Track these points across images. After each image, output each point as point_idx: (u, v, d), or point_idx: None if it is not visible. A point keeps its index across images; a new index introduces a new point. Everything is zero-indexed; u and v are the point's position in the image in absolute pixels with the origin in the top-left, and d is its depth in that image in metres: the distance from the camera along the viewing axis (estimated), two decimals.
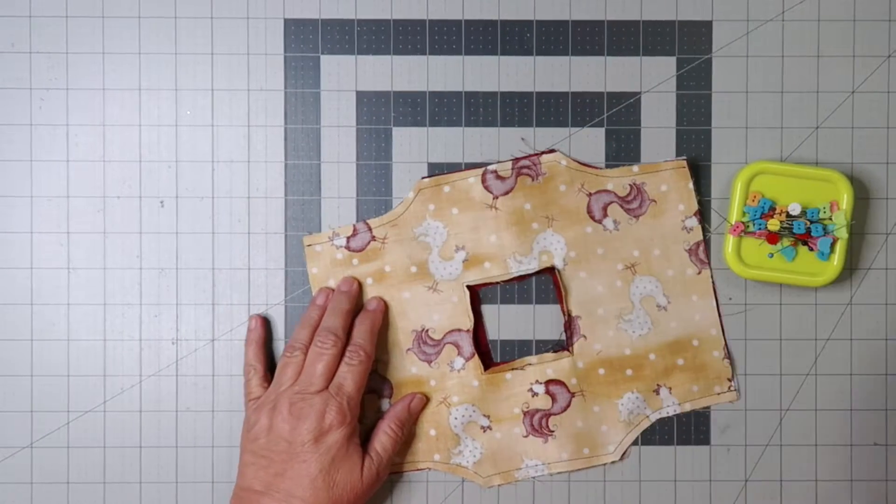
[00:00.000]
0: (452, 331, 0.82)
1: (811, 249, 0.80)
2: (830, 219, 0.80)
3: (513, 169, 0.82)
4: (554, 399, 0.82)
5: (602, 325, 0.82)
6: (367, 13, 0.83)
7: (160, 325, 0.83)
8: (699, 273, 0.82)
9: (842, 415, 0.83)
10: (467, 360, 0.82)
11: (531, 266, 0.82)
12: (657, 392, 0.82)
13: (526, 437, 0.82)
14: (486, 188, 0.82)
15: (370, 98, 0.83)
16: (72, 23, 0.82)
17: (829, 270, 0.80)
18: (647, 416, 0.82)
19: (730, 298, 0.83)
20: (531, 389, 0.82)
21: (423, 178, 0.82)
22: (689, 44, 0.83)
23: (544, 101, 0.83)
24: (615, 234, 0.82)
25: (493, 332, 0.83)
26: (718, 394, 0.83)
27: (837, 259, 0.80)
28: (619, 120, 0.83)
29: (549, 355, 0.82)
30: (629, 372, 0.82)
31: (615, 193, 0.82)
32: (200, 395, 0.83)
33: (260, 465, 0.76)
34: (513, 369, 0.82)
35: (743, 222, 0.80)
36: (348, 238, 0.82)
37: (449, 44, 0.83)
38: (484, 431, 0.82)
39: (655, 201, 0.82)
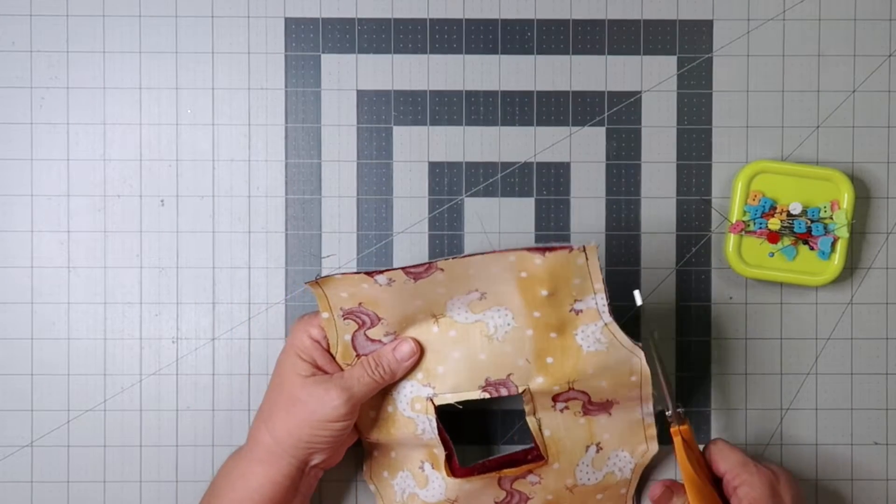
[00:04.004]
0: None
1: (812, 249, 0.80)
2: (831, 218, 0.80)
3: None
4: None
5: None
6: (368, 12, 0.83)
7: (160, 323, 0.82)
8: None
9: (842, 414, 0.83)
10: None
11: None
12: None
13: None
14: None
15: (371, 97, 0.83)
16: (72, 21, 0.82)
17: (829, 270, 0.80)
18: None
19: (730, 297, 0.83)
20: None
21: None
22: (689, 43, 0.83)
23: (545, 101, 0.83)
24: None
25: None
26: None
27: (838, 258, 0.80)
28: (619, 119, 0.83)
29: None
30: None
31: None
32: (200, 394, 0.83)
33: None
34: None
35: (744, 221, 0.80)
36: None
37: (449, 43, 0.83)
38: None
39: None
